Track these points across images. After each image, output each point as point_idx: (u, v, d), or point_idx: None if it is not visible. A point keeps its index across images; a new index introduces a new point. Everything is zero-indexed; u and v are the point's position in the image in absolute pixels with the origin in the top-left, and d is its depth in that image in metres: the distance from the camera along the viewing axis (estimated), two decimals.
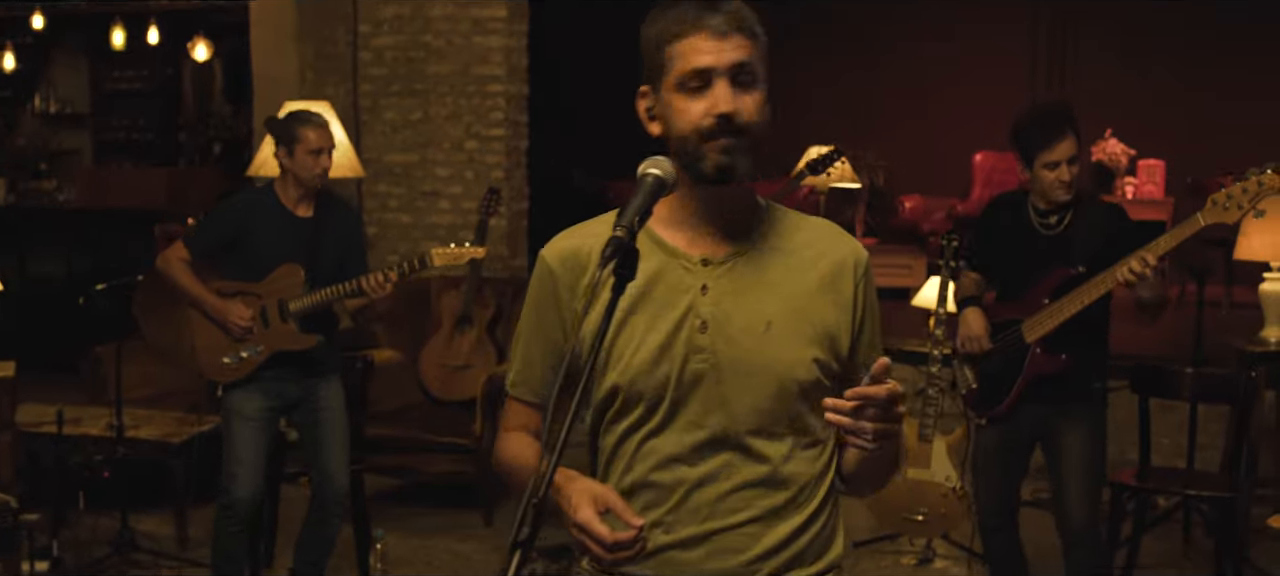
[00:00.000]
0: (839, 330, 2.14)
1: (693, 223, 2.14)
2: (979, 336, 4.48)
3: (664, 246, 2.14)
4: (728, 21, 2.04)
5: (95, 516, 5.73)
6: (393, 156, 7.96)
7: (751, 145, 2.06)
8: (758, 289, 2.11)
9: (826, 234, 2.21)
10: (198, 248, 4.73)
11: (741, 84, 2.05)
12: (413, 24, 7.85)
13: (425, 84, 7.84)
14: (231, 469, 4.62)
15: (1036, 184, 4.33)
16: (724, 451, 2.10)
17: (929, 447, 5.41)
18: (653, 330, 2.10)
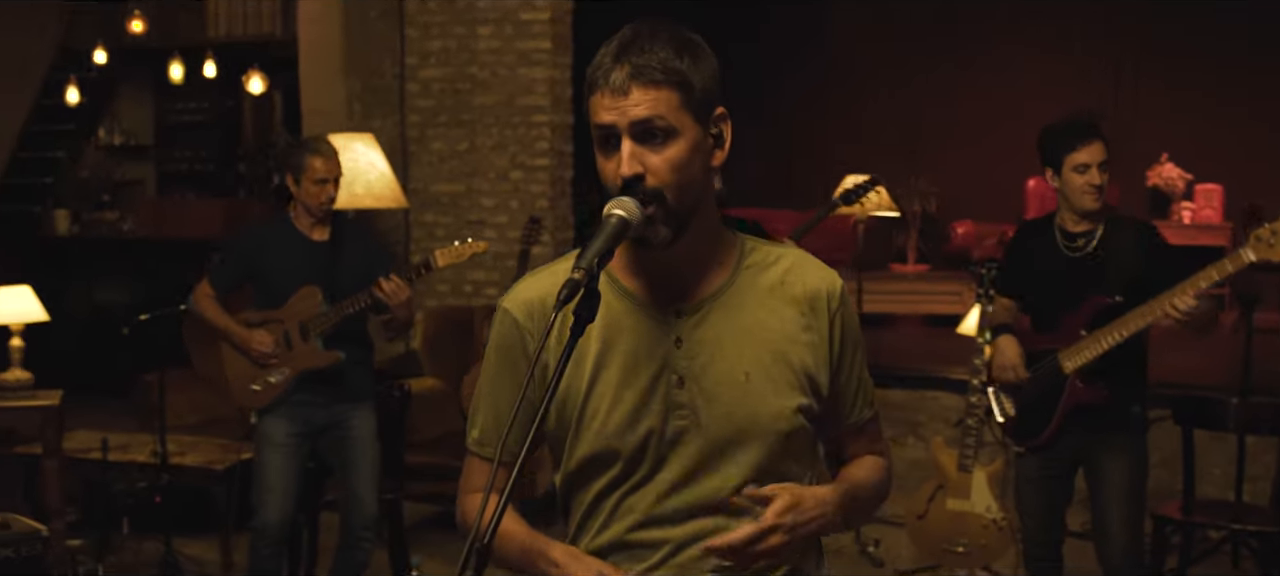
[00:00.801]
0: (818, 368, 2.05)
1: (659, 270, 2.02)
2: (1013, 364, 4.42)
3: (631, 297, 2.03)
4: (629, 75, 1.89)
5: (139, 541, 5.81)
6: (439, 186, 8.03)
7: (667, 210, 1.91)
8: (734, 337, 2.01)
9: (800, 266, 2.08)
10: (219, 283, 4.84)
11: (650, 141, 1.91)
12: (459, 56, 7.93)
13: (471, 115, 7.91)
14: (262, 495, 4.69)
15: (1065, 192, 4.26)
16: (710, 512, 1.99)
17: (969, 478, 5.36)
18: (628, 387, 2.00)
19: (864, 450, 2.22)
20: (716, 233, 2.05)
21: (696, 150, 1.94)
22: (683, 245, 1.97)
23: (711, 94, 1.96)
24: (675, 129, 1.91)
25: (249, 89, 10.73)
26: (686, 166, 1.92)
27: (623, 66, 1.89)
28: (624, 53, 1.90)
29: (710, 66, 1.97)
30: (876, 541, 5.99)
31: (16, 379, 5.35)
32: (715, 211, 2.05)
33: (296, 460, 4.77)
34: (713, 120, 1.98)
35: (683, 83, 1.91)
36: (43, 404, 5.31)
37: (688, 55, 1.93)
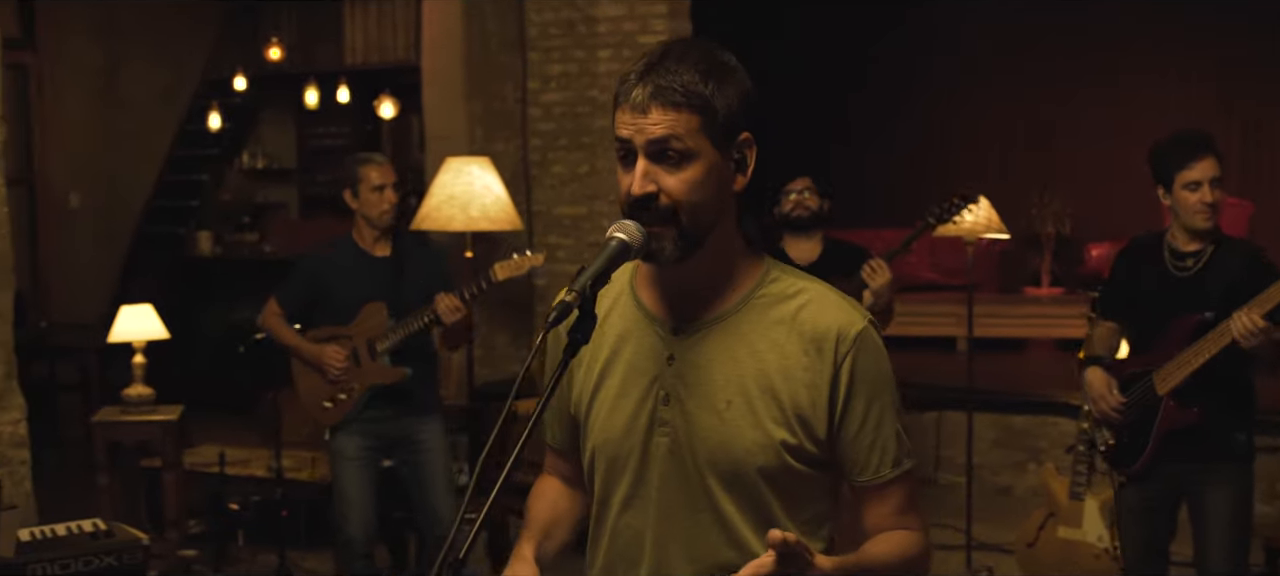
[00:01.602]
0: (814, 410, 1.98)
1: (670, 287, 2.03)
2: (1101, 396, 4.31)
3: (641, 308, 2.06)
4: (651, 94, 1.90)
5: (254, 552, 5.98)
6: (561, 209, 8.11)
7: (678, 230, 1.92)
8: (724, 363, 1.99)
9: (818, 303, 2.03)
10: (286, 303, 4.98)
11: (666, 161, 1.92)
12: (580, 80, 8.00)
13: (592, 138, 7.97)
14: (342, 509, 4.81)
15: (1177, 211, 4.14)
16: (691, 530, 2.01)
17: (1081, 506, 5.25)
18: (624, 395, 2.04)
19: (889, 521, 2.07)
20: (734, 257, 2.04)
21: (713, 174, 1.94)
22: (693, 265, 1.97)
23: (736, 119, 1.96)
24: (693, 152, 1.91)
25: (380, 113, 10.97)
26: (700, 189, 1.92)
27: (645, 85, 1.91)
28: (649, 71, 1.92)
29: (738, 91, 1.96)
30: (989, 568, 5.89)
31: (139, 394, 5.56)
32: (736, 236, 2.04)
33: (371, 472, 4.88)
34: (736, 145, 1.97)
35: (704, 107, 1.91)
36: (163, 418, 5.52)
37: (714, 80, 1.92)
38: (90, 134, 10.84)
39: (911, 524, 2.07)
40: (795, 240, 5.21)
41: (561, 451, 2.24)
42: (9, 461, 5.24)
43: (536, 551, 2.13)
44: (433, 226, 6.26)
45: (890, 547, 2.05)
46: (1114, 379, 4.31)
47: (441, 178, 6.42)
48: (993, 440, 7.19)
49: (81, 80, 10.82)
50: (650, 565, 2.04)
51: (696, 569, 2.01)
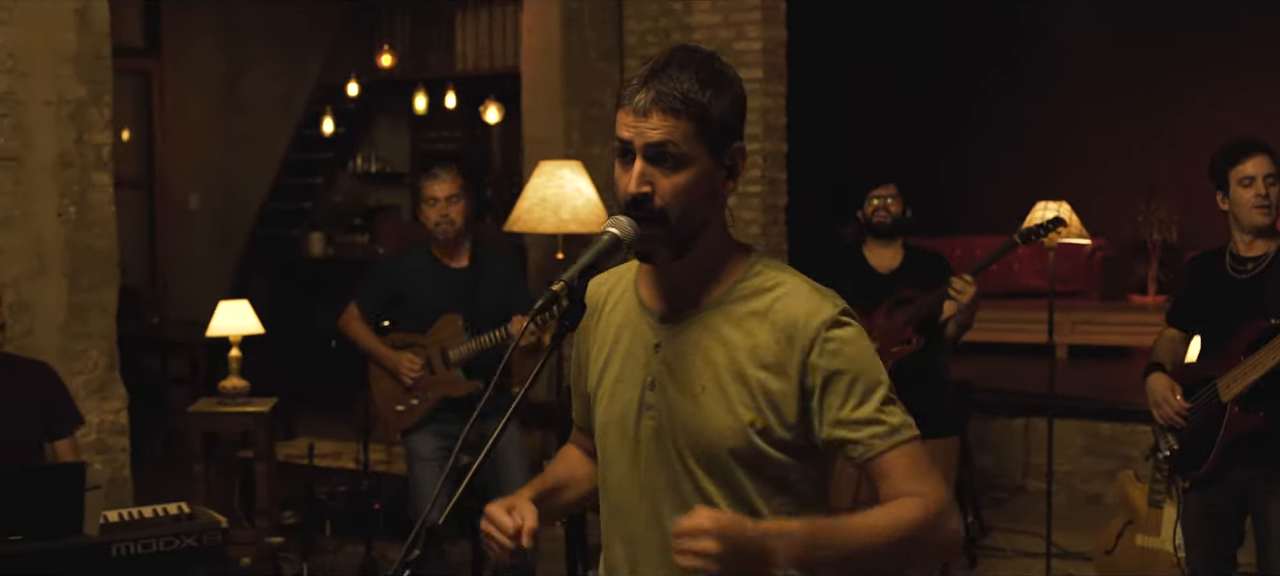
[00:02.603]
0: (783, 396, 2.05)
1: (660, 279, 2.15)
2: (1164, 399, 4.31)
3: (639, 301, 2.18)
4: (652, 99, 2.00)
5: (342, 543, 6.17)
6: None
7: (669, 229, 2.03)
8: (702, 351, 2.09)
9: (791, 295, 2.09)
10: (365, 307, 5.13)
11: (662, 164, 2.02)
12: None
13: None
14: (418, 507, 4.94)
15: (1234, 211, 4.16)
16: (675, 509, 2.08)
17: (1159, 514, 5.20)
18: (622, 381, 2.16)
19: (896, 491, 2.06)
20: (721, 253, 2.13)
21: (705, 179, 2.05)
22: (683, 262, 2.09)
23: (729, 126, 2.07)
24: (688, 157, 2.02)
25: (486, 118, 11.18)
26: (692, 192, 2.03)
27: (648, 90, 2.02)
28: (652, 77, 2.03)
29: (732, 99, 2.07)
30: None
31: (234, 386, 5.77)
32: (724, 234, 2.15)
33: (447, 463, 5.00)
34: (728, 153, 2.08)
35: (701, 115, 2.01)
36: (256, 410, 5.72)
37: (711, 88, 2.03)
38: (210, 138, 11.21)
39: (918, 490, 2.05)
40: (876, 246, 5.25)
41: (582, 427, 2.37)
42: (110, 448, 5.48)
43: (539, 498, 2.24)
44: (524, 228, 6.38)
45: (881, 513, 2.05)
46: (1177, 384, 4.30)
47: (534, 181, 6.54)
48: (1082, 447, 7.13)
49: (203, 86, 11.19)
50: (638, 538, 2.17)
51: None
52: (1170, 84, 10.41)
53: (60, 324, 5.32)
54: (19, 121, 5.14)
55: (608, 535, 2.25)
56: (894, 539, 2.01)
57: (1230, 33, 9.99)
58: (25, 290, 5.19)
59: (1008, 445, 7.32)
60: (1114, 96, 10.51)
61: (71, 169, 5.30)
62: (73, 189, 5.32)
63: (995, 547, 6.46)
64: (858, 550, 2.00)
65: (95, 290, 5.42)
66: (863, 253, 5.28)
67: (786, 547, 1.93)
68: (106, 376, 5.48)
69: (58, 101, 5.25)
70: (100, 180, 5.40)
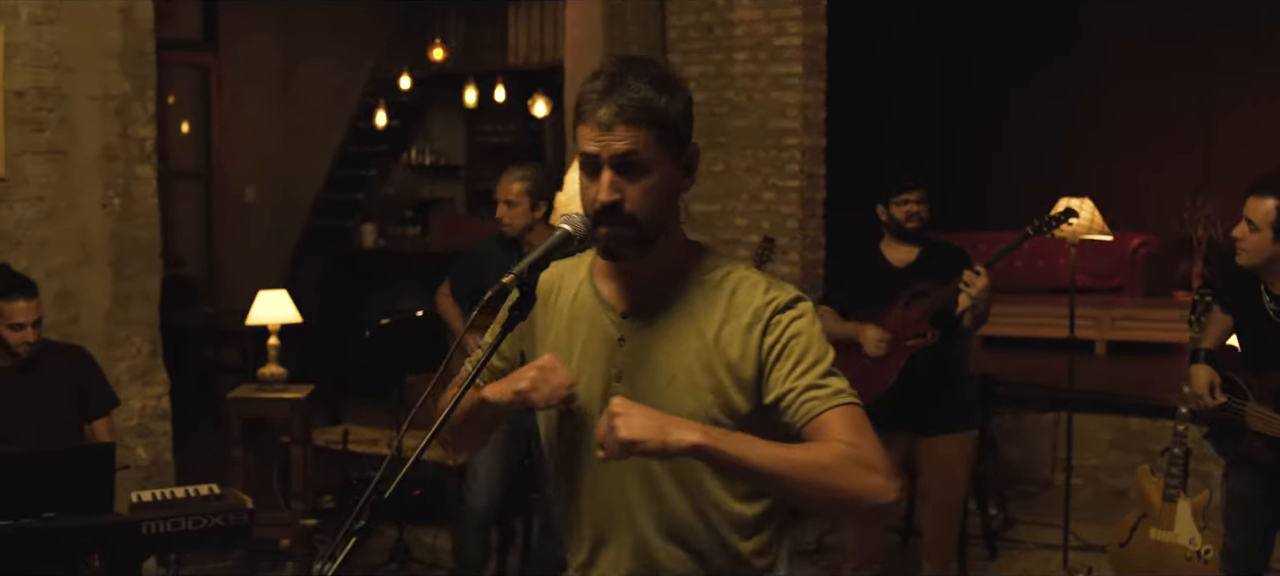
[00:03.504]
0: (745, 380, 2.18)
1: (619, 277, 2.27)
2: (1198, 395, 4.40)
3: (599, 296, 2.30)
4: (615, 114, 2.11)
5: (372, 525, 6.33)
6: (697, 206, 8.31)
7: (638, 232, 2.15)
8: (667, 343, 2.21)
9: (744, 284, 2.24)
10: (456, 288, 5.30)
11: (628, 173, 2.13)
12: (717, 81, 8.21)
13: (727, 137, 8.17)
14: (469, 482, 5.12)
15: None
16: (640, 494, 2.23)
17: (1174, 508, 5.25)
18: (581, 371, 2.27)
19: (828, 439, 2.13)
20: (677, 249, 2.27)
21: (667, 181, 2.18)
22: (647, 260, 2.21)
23: (684, 130, 2.20)
24: (651, 163, 2.14)
25: (534, 112, 11.34)
26: (657, 195, 2.16)
27: (609, 104, 2.12)
28: (610, 91, 2.13)
29: (684, 103, 2.20)
30: (1089, 569, 5.90)
31: (272, 373, 5.96)
32: (680, 231, 2.28)
33: (505, 455, 5.14)
34: (686, 154, 2.22)
35: (660, 121, 2.14)
36: (293, 397, 5.91)
37: (666, 94, 2.15)
38: (267, 131, 11.42)
39: (849, 440, 2.10)
40: (894, 242, 5.34)
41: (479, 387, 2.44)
42: (152, 432, 5.70)
43: None
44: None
45: (802, 447, 2.12)
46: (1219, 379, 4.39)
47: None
48: (1110, 442, 7.17)
49: (261, 79, 11.41)
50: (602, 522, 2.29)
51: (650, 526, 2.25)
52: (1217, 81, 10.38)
53: (105, 311, 5.54)
54: (65, 116, 5.36)
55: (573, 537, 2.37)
56: (805, 466, 2.06)
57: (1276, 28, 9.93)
58: (71, 279, 5.41)
59: (1037, 439, 7.37)
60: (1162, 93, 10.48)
61: (116, 162, 5.52)
62: (117, 181, 5.54)
63: (1018, 540, 6.53)
64: (764, 464, 2.05)
65: (138, 278, 5.64)
66: (880, 247, 5.36)
67: (691, 429, 2.02)
68: (149, 362, 5.70)
69: (103, 96, 5.47)
70: (144, 173, 5.61)
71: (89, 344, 5.28)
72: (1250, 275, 4.33)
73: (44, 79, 5.28)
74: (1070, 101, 10.72)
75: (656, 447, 1.99)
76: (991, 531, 6.40)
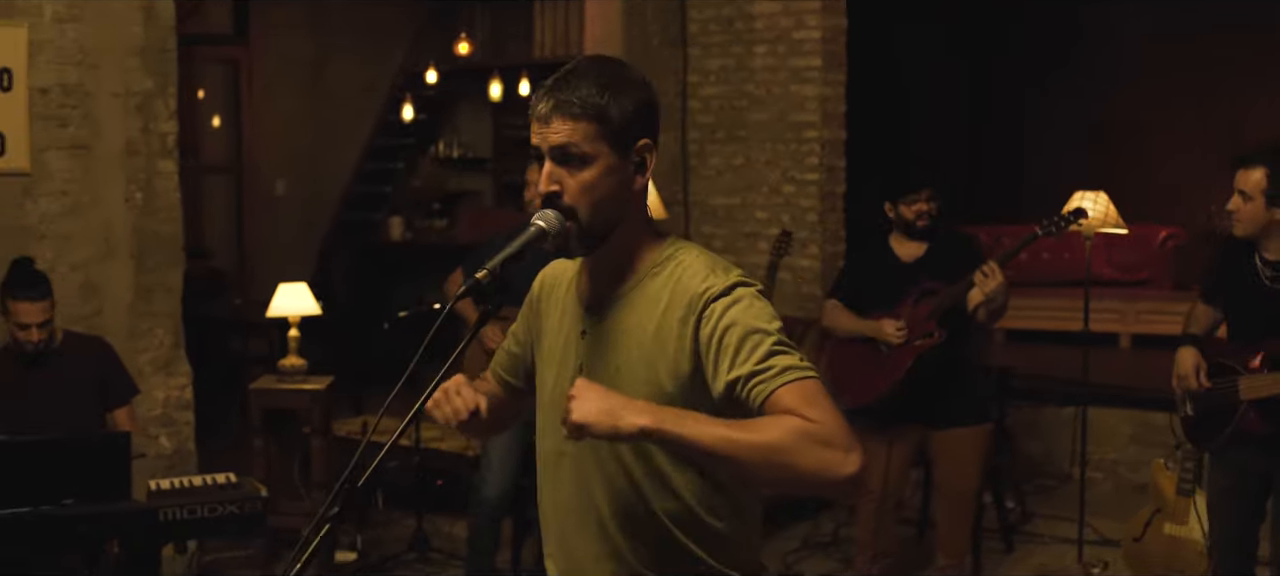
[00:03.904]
0: (683, 368, 2.20)
1: (590, 270, 2.34)
2: (1185, 375, 4.42)
3: (578, 289, 2.38)
4: (552, 108, 2.18)
5: (393, 515, 6.45)
6: (716, 199, 8.37)
7: (581, 224, 2.19)
8: (616, 334, 2.27)
9: (685, 272, 2.23)
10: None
11: (567, 165, 2.18)
12: (737, 75, 8.25)
13: (747, 131, 8.21)
14: (484, 473, 5.19)
15: None
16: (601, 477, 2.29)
17: (1188, 502, 5.26)
18: (560, 364, 2.36)
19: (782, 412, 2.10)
20: (638, 244, 2.30)
21: (612, 174, 2.20)
22: (604, 255, 2.28)
23: (632, 126, 2.21)
24: (590, 155, 2.18)
25: None
26: (597, 188, 2.20)
27: (549, 99, 2.20)
28: (554, 87, 2.21)
29: (635, 102, 2.22)
30: (1105, 563, 5.91)
31: (292, 365, 6.04)
32: (642, 225, 2.31)
33: (519, 446, 5.20)
34: (635, 150, 2.24)
35: (600, 116, 2.18)
36: (312, 387, 5.99)
37: (610, 92, 2.19)
38: (297, 125, 11.53)
39: (805, 414, 2.05)
40: (903, 238, 5.37)
41: (495, 377, 2.61)
42: (175, 422, 5.80)
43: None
44: None
45: (752, 422, 2.09)
46: (1203, 362, 4.40)
47: None
48: (1130, 436, 7.17)
49: (290, 73, 11.50)
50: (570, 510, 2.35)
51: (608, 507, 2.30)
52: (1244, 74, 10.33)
53: (128, 304, 5.64)
54: (88, 112, 5.46)
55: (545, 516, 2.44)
56: (756, 447, 2.02)
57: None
58: (94, 272, 5.51)
59: (1057, 433, 7.37)
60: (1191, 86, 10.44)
61: (138, 157, 5.62)
62: (140, 176, 5.63)
63: (1035, 533, 6.54)
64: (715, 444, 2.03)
65: (161, 271, 5.74)
66: (888, 242, 5.39)
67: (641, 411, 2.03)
68: (172, 354, 5.79)
69: (125, 93, 5.56)
70: (165, 167, 5.71)
71: (112, 335, 5.38)
72: (1244, 248, 4.35)
73: (67, 76, 5.39)
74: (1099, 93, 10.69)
75: (607, 430, 2.02)
76: (1008, 525, 6.42)
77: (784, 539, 6.33)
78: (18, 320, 4.70)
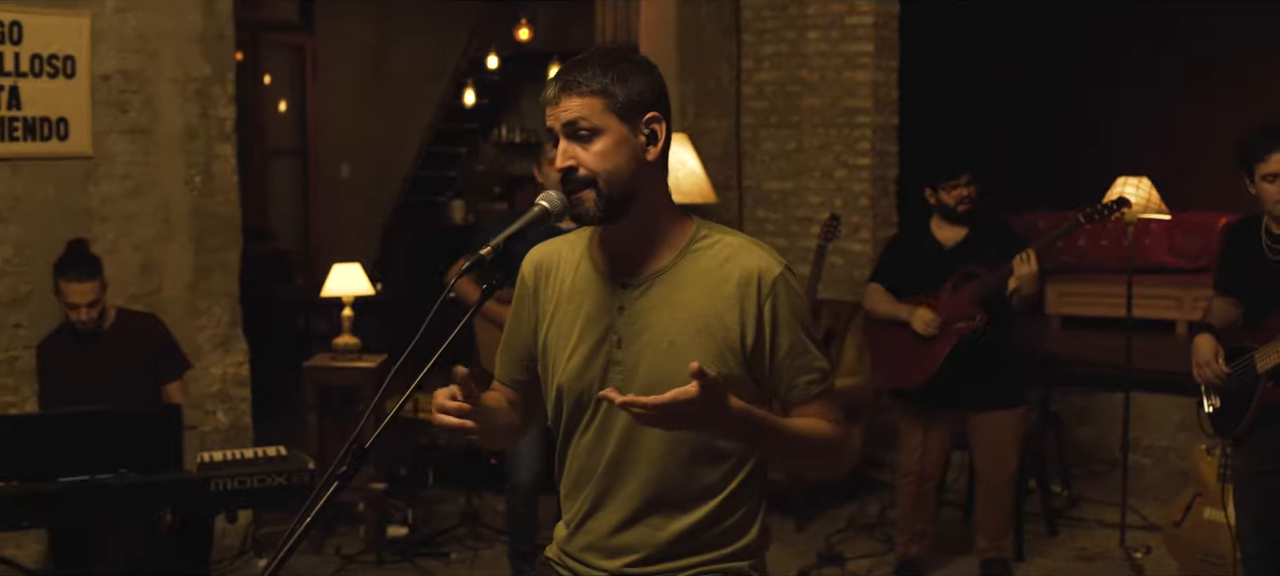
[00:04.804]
0: (745, 344, 2.34)
1: (615, 248, 2.43)
2: (1204, 363, 4.43)
3: (597, 266, 2.45)
4: (559, 89, 2.33)
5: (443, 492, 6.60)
6: (770, 184, 8.42)
7: (598, 192, 2.31)
8: (666, 308, 2.36)
9: (741, 251, 2.38)
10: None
11: (579, 139, 2.32)
12: (790, 60, 8.28)
13: (800, 116, 8.25)
14: (513, 458, 5.25)
15: (1261, 201, 4.28)
16: (640, 453, 2.38)
17: (1229, 487, 5.26)
18: (583, 341, 2.42)
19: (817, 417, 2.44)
20: (663, 219, 2.41)
21: (623, 146, 2.32)
22: (627, 227, 2.38)
23: (639, 101, 2.34)
24: (599, 129, 2.32)
25: None
26: (611, 158, 2.32)
27: (556, 84, 2.34)
28: (561, 74, 2.36)
29: (641, 82, 2.35)
30: (1148, 548, 5.92)
31: (346, 343, 6.19)
32: (664, 200, 2.41)
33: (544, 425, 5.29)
34: (644, 122, 2.35)
35: (605, 92, 2.31)
36: (365, 365, 6.14)
37: (613, 72, 2.33)
38: (361, 110, 11.73)
39: (831, 418, 2.45)
40: (943, 222, 5.42)
41: (505, 381, 2.65)
42: (232, 398, 5.97)
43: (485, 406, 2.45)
44: None
45: (802, 423, 2.42)
46: (1221, 348, 4.42)
47: None
48: (1179, 423, 7.14)
49: (354, 58, 11.70)
50: (603, 478, 2.44)
51: (645, 478, 2.40)
52: None
53: (187, 283, 5.81)
54: (149, 97, 5.63)
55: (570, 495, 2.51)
56: (815, 448, 2.42)
57: None
58: (154, 252, 5.69)
59: (1107, 419, 7.37)
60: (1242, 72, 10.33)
61: (197, 141, 5.78)
62: (198, 160, 5.80)
63: (1079, 518, 6.55)
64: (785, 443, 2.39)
65: (219, 252, 5.90)
66: (929, 226, 5.45)
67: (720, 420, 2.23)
68: (229, 332, 5.96)
69: (184, 79, 5.73)
70: (223, 151, 5.87)
71: (171, 313, 5.56)
72: (1250, 228, 4.39)
73: (128, 63, 5.56)
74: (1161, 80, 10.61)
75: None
76: (1053, 509, 6.44)
77: (828, 520, 6.40)
78: (67, 300, 4.88)
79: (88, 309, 4.89)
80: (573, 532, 2.51)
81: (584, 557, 2.48)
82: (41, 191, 5.42)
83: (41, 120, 5.34)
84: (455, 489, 6.54)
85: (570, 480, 2.52)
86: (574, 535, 2.51)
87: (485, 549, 6.08)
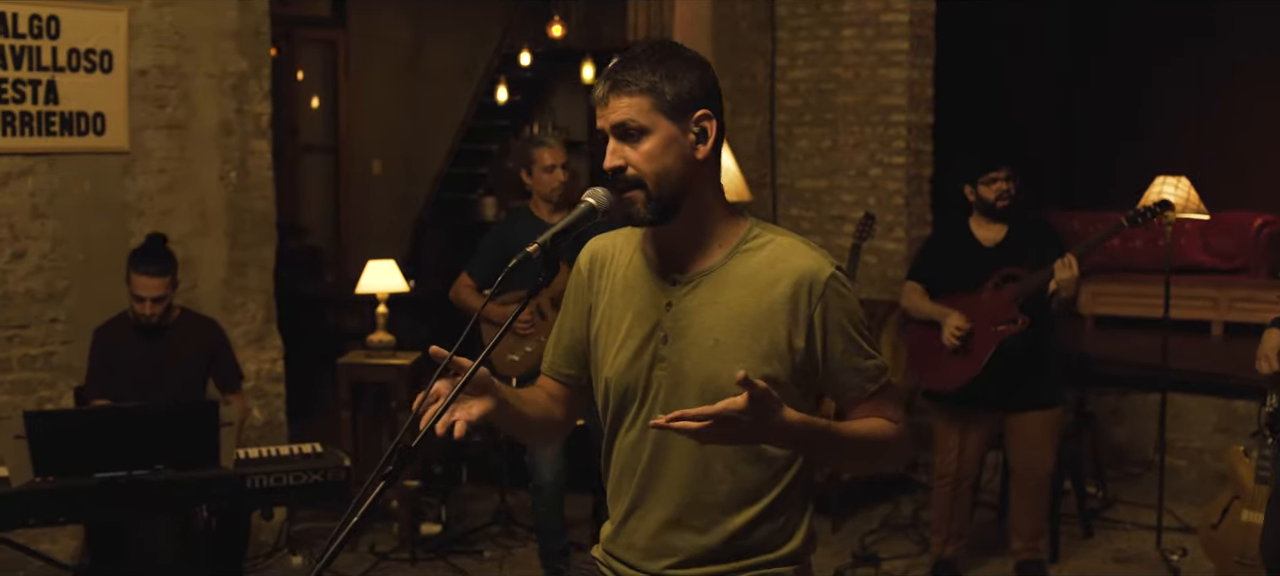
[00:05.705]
0: (794, 344, 2.32)
1: (668, 244, 2.41)
2: (1267, 355, 4.41)
3: (650, 261, 2.43)
4: (607, 90, 2.33)
5: (476, 490, 6.60)
6: (804, 182, 8.39)
7: (647, 192, 2.30)
8: (713, 307, 2.35)
9: (792, 253, 2.36)
10: (478, 275, 5.44)
11: (627, 139, 2.31)
12: (825, 58, 8.25)
13: (835, 113, 8.22)
14: (533, 458, 5.23)
15: None
16: (683, 449, 2.36)
17: (1266, 490, 5.20)
18: (631, 335, 2.41)
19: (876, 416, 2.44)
20: (714, 217, 2.39)
21: (672, 145, 2.31)
22: (678, 225, 2.36)
23: (689, 99, 2.32)
24: (648, 128, 2.30)
25: None
26: (660, 158, 2.30)
27: (605, 83, 2.33)
28: (610, 73, 2.34)
29: (691, 78, 2.33)
30: (1184, 549, 5.87)
31: (380, 340, 6.20)
32: (716, 198, 2.40)
33: None
34: (693, 120, 2.33)
35: (653, 90, 2.29)
36: (399, 362, 6.14)
37: (662, 69, 2.31)
38: (393, 106, 11.74)
39: (894, 417, 2.44)
40: (983, 220, 5.38)
41: (552, 374, 2.62)
42: (266, 394, 5.98)
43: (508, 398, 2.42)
44: None
45: (860, 425, 2.41)
46: None
47: None
48: (1215, 424, 7.09)
49: (388, 55, 11.72)
50: (644, 476, 2.43)
51: (685, 479, 2.39)
52: None
53: (222, 278, 5.83)
54: (185, 93, 5.65)
55: (615, 494, 2.51)
56: (877, 447, 2.42)
57: None
58: (190, 247, 5.71)
59: (1143, 420, 7.31)
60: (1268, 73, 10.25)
61: (232, 136, 5.80)
62: (234, 155, 5.82)
63: (1115, 520, 6.51)
64: (845, 446, 2.40)
65: (254, 248, 5.92)
66: (969, 224, 5.41)
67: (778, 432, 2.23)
68: (264, 328, 5.98)
69: (221, 75, 5.75)
70: (259, 147, 5.89)
71: (206, 309, 5.58)
72: None
73: (165, 58, 5.58)
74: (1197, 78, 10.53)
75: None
76: (1088, 510, 6.39)
77: (863, 520, 6.37)
78: (135, 292, 4.91)
79: (154, 303, 4.91)
80: (616, 532, 2.51)
81: (626, 558, 2.47)
82: (78, 186, 5.45)
83: (78, 115, 5.37)
84: (489, 487, 6.54)
85: (614, 478, 2.51)
86: (617, 534, 2.50)
87: (518, 547, 6.08)
